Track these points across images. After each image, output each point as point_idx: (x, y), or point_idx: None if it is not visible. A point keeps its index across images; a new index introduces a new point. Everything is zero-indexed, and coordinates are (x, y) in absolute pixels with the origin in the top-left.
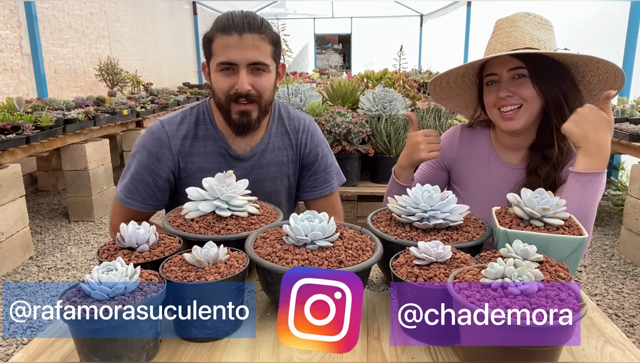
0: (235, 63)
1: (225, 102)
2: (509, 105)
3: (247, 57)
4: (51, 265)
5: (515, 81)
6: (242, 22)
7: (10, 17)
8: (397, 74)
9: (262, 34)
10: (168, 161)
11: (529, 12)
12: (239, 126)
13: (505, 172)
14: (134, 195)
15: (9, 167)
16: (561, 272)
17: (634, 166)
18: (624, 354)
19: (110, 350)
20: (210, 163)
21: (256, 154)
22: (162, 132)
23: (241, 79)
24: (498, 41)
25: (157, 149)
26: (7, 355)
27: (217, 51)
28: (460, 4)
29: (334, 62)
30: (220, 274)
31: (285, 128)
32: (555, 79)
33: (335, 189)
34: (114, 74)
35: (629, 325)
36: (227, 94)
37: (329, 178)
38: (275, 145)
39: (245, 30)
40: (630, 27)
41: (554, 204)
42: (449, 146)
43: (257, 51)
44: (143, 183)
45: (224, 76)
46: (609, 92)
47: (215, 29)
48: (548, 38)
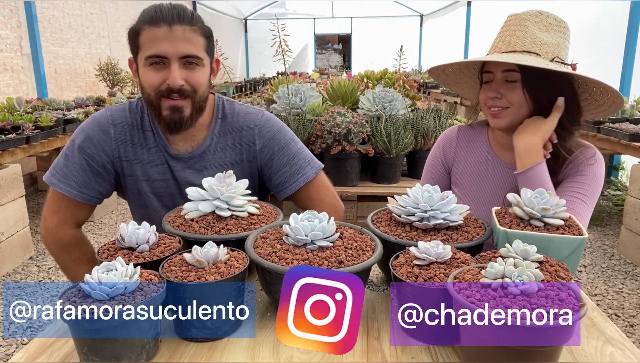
0: (166, 56)
1: (156, 98)
2: (495, 106)
3: (178, 49)
4: (51, 265)
5: (506, 84)
6: (172, 13)
7: (10, 17)
8: (397, 74)
9: (193, 25)
10: (105, 147)
11: (541, 11)
12: (170, 122)
13: (504, 172)
14: (68, 179)
15: (9, 167)
16: (561, 272)
17: (634, 166)
18: (624, 354)
19: (110, 350)
20: (153, 155)
21: (195, 156)
22: (104, 117)
23: (173, 73)
24: (501, 39)
25: (95, 133)
26: (7, 355)
27: (145, 44)
28: (460, 4)
29: (334, 62)
30: (220, 274)
31: (230, 126)
32: (548, 87)
33: (312, 177)
34: (114, 74)
35: (629, 325)
36: (157, 90)
37: (299, 169)
38: (218, 146)
39: (175, 21)
40: (630, 27)
41: (554, 204)
42: (447, 147)
43: (188, 43)
44: (78, 166)
45: (154, 70)
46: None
47: (142, 21)
48: (556, 42)
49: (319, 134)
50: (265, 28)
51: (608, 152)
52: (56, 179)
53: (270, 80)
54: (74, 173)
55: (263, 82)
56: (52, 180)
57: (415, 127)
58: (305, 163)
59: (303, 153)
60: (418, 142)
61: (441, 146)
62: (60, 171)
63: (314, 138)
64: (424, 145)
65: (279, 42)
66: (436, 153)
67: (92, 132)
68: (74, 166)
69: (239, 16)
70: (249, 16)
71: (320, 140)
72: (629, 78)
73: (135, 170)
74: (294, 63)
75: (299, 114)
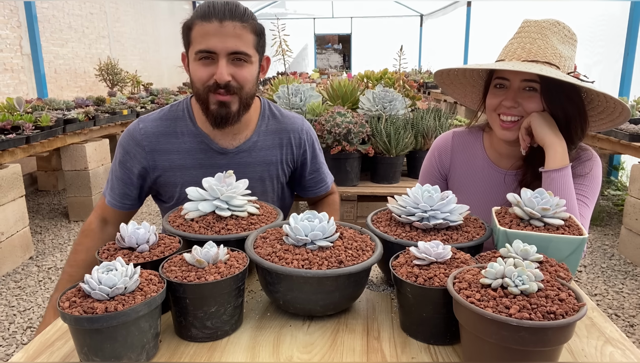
0: (215, 52)
1: (204, 93)
2: (510, 115)
3: (227, 45)
4: (51, 265)
5: (524, 93)
6: (224, 9)
7: (10, 17)
8: (397, 74)
9: (244, 22)
10: (140, 158)
11: (559, 21)
12: (217, 117)
13: (499, 178)
14: (114, 192)
15: (9, 167)
16: (561, 272)
17: (634, 166)
18: (624, 354)
19: (110, 350)
20: (190, 159)
21: (242, 150)
22: (136, 129)
23: (220, 68)
24: (520, 46)
25: (130, 147)
26: (7, 355)
27: (195, 39)
28: (460, 4)
29: (334, 62)
30: (220, 274)
31: (276, 127)
32: (563, 99)
33: (330, 187)
34: (114, 74)
35: (629, 325)
36: (205, 85)
37: (323, 178)
38: (264, 144)
39: (227, 17)
40: (630, 27)
41: (554, 204)
42: (443, 155)
43: (238, 39)
44: (119, 181)
45: (203, 65)
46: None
47: (195, 16)
48: (569, 55)
49: (319, 134)
50: (265, 28)
51: (608, 152)
52: (107, 191)
53: (270, 80)
54: (115, 187)
55: (263, 82)
56: (105, 191)
57: (415, 127)
58: (327, 174)
59: (325, 165)
60: (418, 142)
61: (436, 154)
62: (109, 183)
63: None
64: (424, 145)
65: (279, 42)
66: (431, 160)
67: (128, 146)
68: (117, 180)
69: None
70: None
71: (320, 140)
72: (629, 78)
73: (176, 177)
74: (294, 63)
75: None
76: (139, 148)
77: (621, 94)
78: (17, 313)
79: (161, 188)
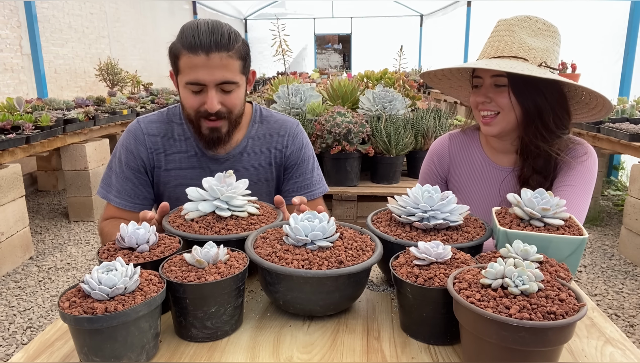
0: (204, 84)
1: (195, 119)
2: (486, 110)
3: (214, 77)
4: (51, 265)
5: (495, 88)
6: (209, 41)
7: (10, 17)
8: (397, 74)
9: (230, 51)
10: (143, 157)
11: (530, 16)
12: (209, 141)
13: (498, 174)
14: (122, 194)
15: (9, 167)
16: (561, 272)
17: (634, 166)
18: (624, 354)
19: (110, 350)
20: (186, 161)
21: (232, 156)
22: (137, 129)
23: (210, 99)
24: (490, 45)
25: (133, 146)
26: (7, 355)
27: (184, 70)
28: (460, 4)
29: (334, 62)
30: (220, 274)
31: (266, 131)
32: (535, 92)
33: (317, 196)
34: (114, 74)
35: (629, 325)
36: (196, 111)
37: (310, 184)
38: (253, 148)
39: (213, 49)
40: (630, 27)
41: (554, 204)
42: (441, 159)
43: (225, 70)
44: (128, 181)
45: (193, 94)
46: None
47: (181, 46)
48: (544, 46)
49: (319, 134)
50: (265, 28)
51: (608, 152)
52: (112, 195)
53: (270, 80)
54: (126, 188)
55: (263, 82)
56: (109, 196)
57: (415, 127)
58: (316, 182)
59: (318, 172)
60: (418, 142)
61: (434, 159)
62: (114, 186)
63: (314, 137)
64: (424, 145)
65: (279, 42)
66: (430, 165)
67: (131, 146)
68: (125, 181)
69: (238, 16)
70: (248, 16)
71: (320, 140)
72: (629, 78)
73: (170, 178)
74: (294, 63)
75: (299, 114)
76: (142, 146)
77: (621, 94)
78: (17, 313)
79: (156, 187)
